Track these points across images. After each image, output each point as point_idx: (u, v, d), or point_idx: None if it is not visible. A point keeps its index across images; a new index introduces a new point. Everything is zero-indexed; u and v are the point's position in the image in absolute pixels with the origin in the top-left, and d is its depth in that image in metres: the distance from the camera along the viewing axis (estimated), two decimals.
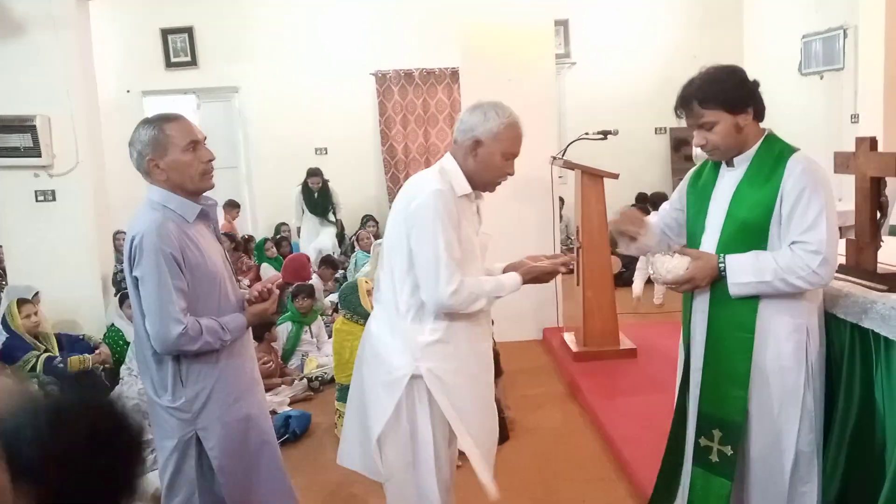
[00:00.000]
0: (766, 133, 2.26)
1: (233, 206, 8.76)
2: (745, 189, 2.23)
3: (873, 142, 2.36)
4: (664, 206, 2.63)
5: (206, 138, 2.42)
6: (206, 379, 2.38)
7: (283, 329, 5.29)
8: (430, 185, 2.29)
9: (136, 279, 2.30)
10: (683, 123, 2.32)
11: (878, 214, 2.36)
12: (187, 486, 2.46)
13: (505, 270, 2.48)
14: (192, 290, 2.32)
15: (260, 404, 2.58)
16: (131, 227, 2.33)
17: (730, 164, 2.28)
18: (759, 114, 2.23)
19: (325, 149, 9.25)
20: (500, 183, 2.43)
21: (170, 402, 2.37)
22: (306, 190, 8.46)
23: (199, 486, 2.46)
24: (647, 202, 7.91)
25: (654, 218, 2.61)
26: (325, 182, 8.48)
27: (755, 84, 2.23)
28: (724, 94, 2.17)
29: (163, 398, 2.38)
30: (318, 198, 8.46)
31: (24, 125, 5.28)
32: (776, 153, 2.20)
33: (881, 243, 2.38)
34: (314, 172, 8.42)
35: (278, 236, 8.49)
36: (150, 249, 2.24)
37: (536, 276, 2.44)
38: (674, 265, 2.29)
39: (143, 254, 2.25)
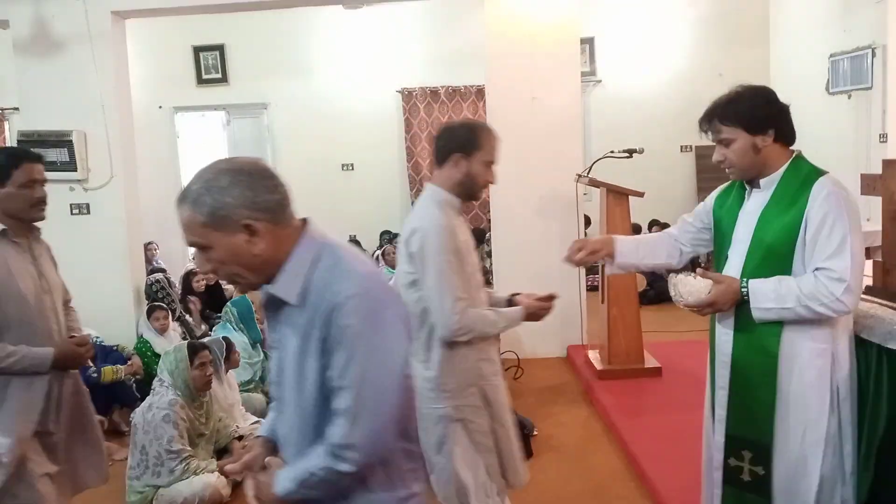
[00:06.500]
0: (794, 155, 2.23)
1: None
2: (770, 212, 2.20)
3: None
4: (685, 216, 2.59)
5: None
6: None
7: None
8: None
9: None
10: (708, 142, 2.32)
11: None
12: None
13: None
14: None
15: None
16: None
17: (756, 185, 2.26)
18: (786, 137, 2.21)
19: (352, 164, 9.36)
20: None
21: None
22: None
23: None
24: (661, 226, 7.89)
25: (673, 230, 2.60)
26: None
27: (783, 107, 2.21)
28: (745, 112, 2.17)
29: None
30: None
31: (61, 140, 5.42)
32: (803, 176, 2.17)
33: None
34: None
35: None
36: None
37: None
38: (696, 288, 2.26)
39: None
